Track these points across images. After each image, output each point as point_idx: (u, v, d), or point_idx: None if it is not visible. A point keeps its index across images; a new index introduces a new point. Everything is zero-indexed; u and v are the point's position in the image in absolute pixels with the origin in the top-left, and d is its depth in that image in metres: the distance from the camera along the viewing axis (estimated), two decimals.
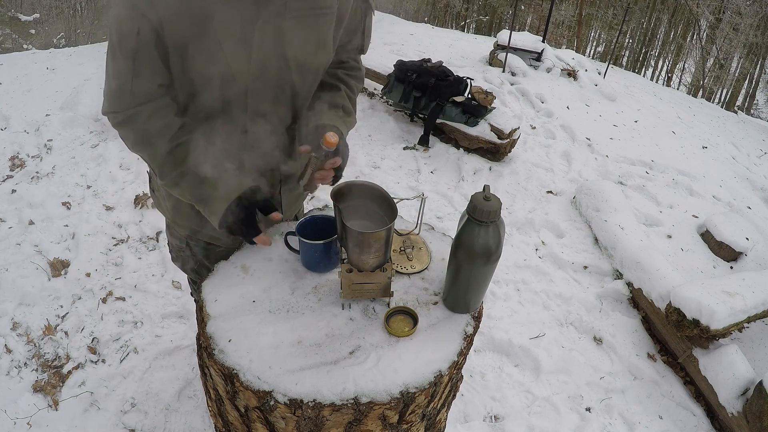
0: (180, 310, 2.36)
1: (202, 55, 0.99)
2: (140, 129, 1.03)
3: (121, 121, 1.03)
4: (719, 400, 2.20)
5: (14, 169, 3.23)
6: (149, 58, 0.97)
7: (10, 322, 2.22)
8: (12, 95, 4.11)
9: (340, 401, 0.90)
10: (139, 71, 0.98)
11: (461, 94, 4.03)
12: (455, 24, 17.98)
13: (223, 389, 0.99)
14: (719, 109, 8.71)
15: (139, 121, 1.02)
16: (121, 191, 3.11)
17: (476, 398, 2.15)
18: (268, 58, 1.04)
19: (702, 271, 3.10)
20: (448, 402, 1.18)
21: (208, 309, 1.04)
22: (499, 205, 0.95)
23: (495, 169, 3.93)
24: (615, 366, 2.45)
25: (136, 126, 1.03)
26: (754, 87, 16.15)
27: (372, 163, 3.78)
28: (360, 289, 1.05)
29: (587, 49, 17.94)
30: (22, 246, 2.61)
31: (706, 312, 2.29)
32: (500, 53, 6.02)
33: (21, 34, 10.13)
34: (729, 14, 14.26)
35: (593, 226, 3.34)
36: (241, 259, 1.18)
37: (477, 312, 1.12)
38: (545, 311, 2.70)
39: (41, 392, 1.95)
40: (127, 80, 0.98)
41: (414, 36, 6.92)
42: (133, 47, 0.95)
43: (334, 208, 1.03)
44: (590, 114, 5.36)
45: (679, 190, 4.12)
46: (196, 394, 1.99)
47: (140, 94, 1.00)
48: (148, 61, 0.97)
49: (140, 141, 1.05)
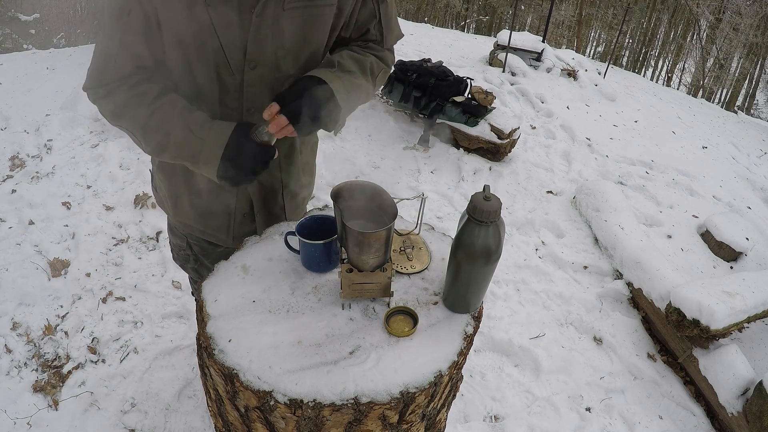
0: (180, 310, 2.36)
1: (198, 42, 0.98)
2: (119, 100, 1.02)
3: (102, 95, 1.03)
4: (719, 400, 2.20)
5: (14, 169, 3.22)
6: (134, 41, 0.98)
7: (10, 322, 2.22)
8: (12, 95, 4.11)
9: (340, 401, 0.90)
10: (122, 52, 0.98)
11: (461, 94, 4.04)
12: (455, 24, 17.98)
13: (223, 389, 0.99)
14: (719, 109, 8.72)
15: (119, 94, 1.02)
16: (121, 191, 3.11)
17: (476, 398, 2.15)
18: (265, 48, 1.03)
19: (702, 271, 3.10)
20: (448, 402, 1.18)
21: (208, 309, 1.04)
22: (499, 205, 0.95)
23: (495, 169, 3.93)
24: (615, 366, 2.45)
25: (115, 98, 1.02)
26: (754, 87, 16.16)
27: (372, 163, 3.78)
28: (360, 289, 1.05)
29: (587, 49, 17.94)
30: (22, 246, 2.61)
31: (706, 312, 2.29)
32: (500, 53, 6.02)
33: (21, 34, 10.13)
34: (729, 14, 14.27)
35: (593, 226, 3.34)
36: (241, 259, 1.18)
37: (477, 312, 1.12)
38: (545, 311, 2.70)
39: (41, 392, 1.95)
40: (110, 59, 0.99)
41: (414, 36, 6.92)
42: (120, 28, 0.96)
43: (334, 208, 1.03)
44: (590, 114, 5.37)
45: (679, 190, 4.12)
46: (196, 394, 1.99)
47: (121, 73, 1.01)
48: (132, 44, 0.98)
49: (120, 111, 1.03)
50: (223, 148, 1.00)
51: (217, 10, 0.95)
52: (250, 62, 1.03)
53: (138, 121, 1.02)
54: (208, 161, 1.01)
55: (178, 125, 1.01)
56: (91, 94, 1.05)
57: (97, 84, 1.02)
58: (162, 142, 1.02)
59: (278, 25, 1.01)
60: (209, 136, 1.01)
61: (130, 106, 1.01)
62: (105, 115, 1.06)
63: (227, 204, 1.27)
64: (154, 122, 1.01)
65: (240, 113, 1.12)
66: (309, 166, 1.41)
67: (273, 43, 1.03)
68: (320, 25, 1.07)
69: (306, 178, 1.40)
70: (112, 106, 1.03)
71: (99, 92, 1.03)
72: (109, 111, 1.04)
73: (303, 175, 1.38)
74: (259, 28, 1.00)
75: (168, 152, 1.04)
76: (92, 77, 1.03)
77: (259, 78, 1.07)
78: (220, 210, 1.28)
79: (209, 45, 0.99)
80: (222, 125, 1.02)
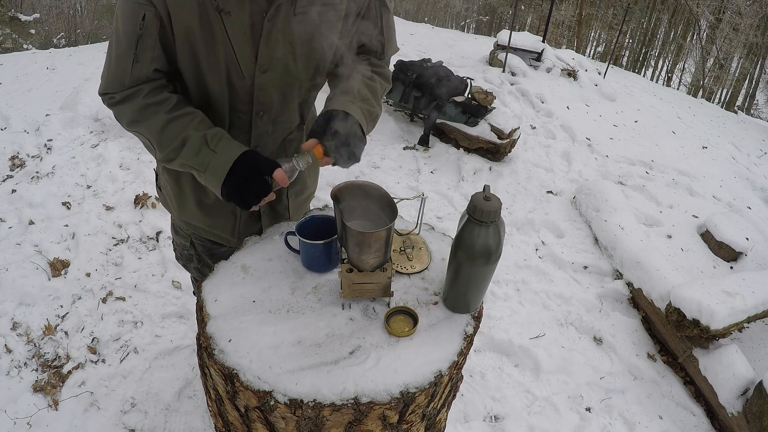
0: (180, 310, 2.36)
1: (210, 44, 1.00)
2: (138, 105, 1.02)
3: (119, 100, 1.03)
4: (719, 400, 2.20)
5: (14, 169, 3.23)
6: (151, 46, 0.98)
7: (10, 322, 2.22)
8: (12, 95, 4.12)
9: (340, 401, 0.90)
10: (139, 57, 0.99)
11: (461, 94, 4.03)
12: (455, 24, 17.98)
13: (223, 389, 0.99)
14: (719, 109, 8.72)
15: (138, 98, 1.02)
16: (121, 191, 3.11)
17: (476, 398, 2.15)
18: (276, 52, 1.04)
19: (702, 271, 3.10)
20: (448, 402, 1.18)
21: (208, 309, 1.04)
22: (499, 205, 0.95)
23: (495, 169, 3.93)
24: (615, 366, 2.45)
25: (133, 103, 1.02)
26: (754, 87, 16.16)
27: (372, 163, 3.79)
28: (360, 289, 1.05)
29: (587, 49, 17.94)
30: (22, 246, 2.61)
31: (706, 312, 2.29)
32: (500, 53, 6.02)
33: (21, 34, 10.13)
34: (729, 14, 14.27)
35: (593, 226, 3.34)
36: (241, 259, 1.18)
37: (477, 312, 1.12)
38: (545, 311, 2.70)
39: (41, 392, 1.95)
40: (128, 65, 0.99)
41: (414, 36, 6.92)
42: (137, 33, 0.96)
43: (334, 208, 1.03)
44: (590, 114, 5.37)
45: (679, 190, 4.12)
46: (196, 394, 1.99)
47: (139, 78, 1.01)
48: (150, 48, 0.99)
49: (137, 116, 1.03)
50: (231, 163, 1.01)
51: (229, 15, 0.97)
52: (261, 66, 1.05)
53: (155, 127, 1.03)
54: (215, 173, 1.02)
55: (195, 136, 1.02)
56: (107, 99, 1.05)
57: (116, 89, 1.02)
58: (177, 148, 1.03)
59: (289, 30, 1.03)
60: (222, 149, 1.02)
61: (147, 112, 1.02)
62: (121, 120, 1.07)
63: (234, 204, 1.27)
64: (172, 130, 1.02)
65: (249, 116, 1.14)
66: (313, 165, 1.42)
67: (284, 47, 1.05)
68: (330, 30, 1.10)
69: (310, 177, 1.43)
70: (129, 112, 1.04)
71: (115, 97, 1.03)
72: (126, 117, 1.05)
73: (308, 175, 1.40)
74: (271, 33, 1.01)
75: (179, 160, 1.05)
76: (110, 82, 1.03)
77: (269, 81, 1.08)
78: (226, 210, 1.28)
79: (221, 49, 1.01)
80: (236, 144, 1.04)
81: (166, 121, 1.02)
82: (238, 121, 1.14)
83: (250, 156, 1.03)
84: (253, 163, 1.02)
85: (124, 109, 1.04)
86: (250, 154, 1.03)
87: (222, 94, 1.08)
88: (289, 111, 1.19)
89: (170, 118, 1.02)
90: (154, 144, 1.05)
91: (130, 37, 0.97)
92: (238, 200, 1.03)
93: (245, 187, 1.02)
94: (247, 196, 1.02)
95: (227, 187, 1.02)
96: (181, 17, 0.96)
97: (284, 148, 1.26)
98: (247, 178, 1.02)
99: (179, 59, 1.03)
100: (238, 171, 1.01)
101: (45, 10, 12.43)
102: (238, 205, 1.04)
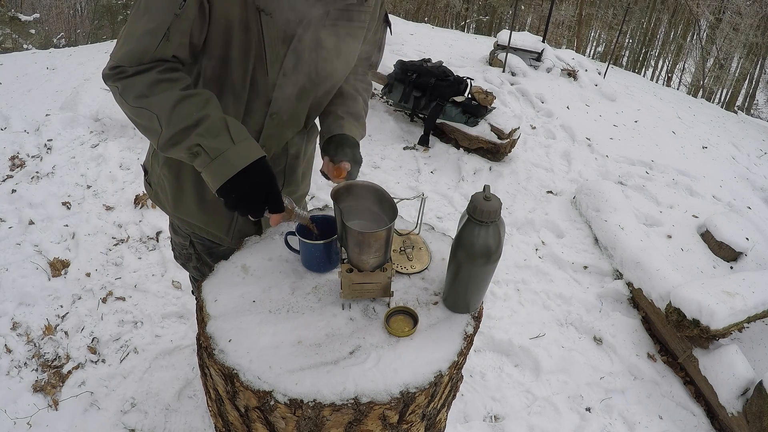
0: (180, 310, 2.36)
1: (243, 40, 1.02)
2: (151, 78, 0.97)
3: (131, 74, 0.98)
4: (719, 400, 2.20)
5: (14, 169, 3.23)
6: (183, 30, 0.97)
7: (10, 322, 2.22)
8: (12, 95, 4.12)
9: (340, 401, 0.90)
10: (170, 36, 0.96)
11: (461, 94, 4.03)
12: (455, 24, 17.99)
13: (223, 389, 0.99)
14: (719, 109, 8.72)
15: (152, 72, 0.97)
16: (121, 191, 3.11)
17: (476, 398, 2.15)
18: (302, 57, 1.09)
19: (702, 271, 3.10)
20: (448, 402, 1.18)
21: (208, 309, 1.04)
22: (499, 205, 0.95)
23: (495, 169, 3.93)
24: (615, 366, 2.45)
25: (146, 76, 0.97)
26: (754, 87, 16.16)
27: (372, 163, 3.79)
28: (360, 289, 1.05)
29: (587, 49, 17.95)
30: (22, 246, 2.61)
31: (706, 312, 2.29)
32: (500, 53, 6.02)
33: (21, 34, 10.14)
34: (729, 14, 14.27)
35: (593, 226, 3.34)
36: (241, 259, 1.18)
37: (477, 312, 1.12)
38: (545, 311, 2.70)
39: (41, 392, 1.95)
40: (155, 41, 0.96)
41: (414, 36, 6.92)
42: (174, 11, 0.94)
43: (334, 208, 1.03)
44: (590, 114, 5.37)
45: (679, 190, 4.12)
46: (196, 394, 1.99)
47: (161, 56, 0.98)
48: (181, 32, 0.97)
49: (148, 91, 0.97)
50: (250, 162, 0.97)
51: (270, 17, 1.00)
52: (286, 68, 1.08)
53: (167, 103, 0.96)
54: (226, 165, 0.96)
55: (216, 116, 0.97)
56: (117, 72, 0.99)
57: (133, 63, 0.97)
58: (189, 127, 0.96)
59: (317, 38, 1.08)
60: (243, 144, 0.98)
61: (159, 87, 0.97)
62: (126, 95, 0.98)
63: None
64: (186, 107, 0.96)
65: (263, 118, 1.16)
66: (308, 167, 1.47)
67: (310, 54, 1.09)
68: (354, 43, 1.17)
69: (304, 178, 1.46)
70: (139, 85, 0.97)
71: (128, 71, 0.98)
72: (135, 90, 0.98)
73: (301, 176, 1.43)
74: (302, 39, 1.06)
75: (188, 141, 0.97)
76: (128, 55, 0.97)
77: (290, 85, 1.12)
78: (225, 209, 1.27)
79: (253, 46, 1.03)
80: (257, 144, 1.01)
81: (180, 98, 0.96)
82: (251, 120, 1.15)
83: (268, 164, 1.01)
84: (270, 174, 1.00)
85: (134, 82, 0.97)
86: (268, 162, 1.01)
87: (243, 91, 1.10)
88: (298, 116, 1.23)
89: (185, 95, 0.97)
90: (162, 121, 0.96)
91: (165, 15, 0.94)
92: (239, 203, 0.98)
93: (256, 194, 0.98)
94: (254, 205, 0.99)
95: (233, 186, 0.96)
96: (223, 8, 0.97)
97: (285, 151, 1.29)
98: (262, 184, 0.98)
99: (209, 49, 1.03)
100: (251, 175, 0.97)
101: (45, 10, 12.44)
102: (234, 207, 0.99)
